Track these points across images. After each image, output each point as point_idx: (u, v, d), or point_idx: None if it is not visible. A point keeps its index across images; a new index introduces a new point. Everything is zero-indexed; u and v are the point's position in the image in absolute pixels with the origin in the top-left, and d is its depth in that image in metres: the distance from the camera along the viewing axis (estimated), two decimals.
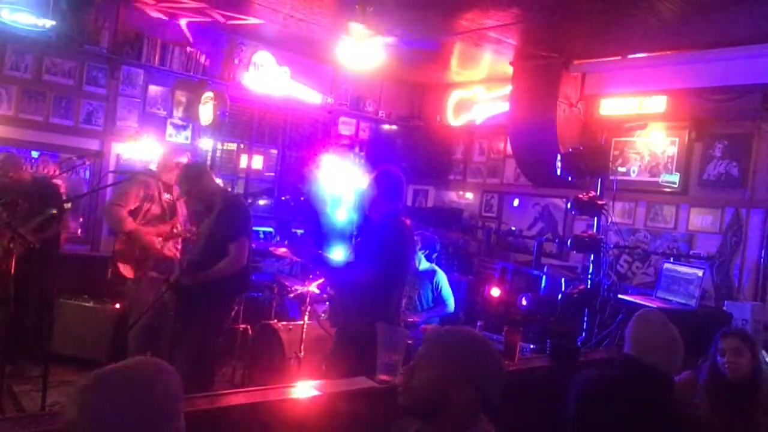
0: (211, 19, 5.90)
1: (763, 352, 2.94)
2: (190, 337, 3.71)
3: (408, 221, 3.33)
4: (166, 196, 4.53)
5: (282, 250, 5.44)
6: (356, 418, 2.29)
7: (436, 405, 1.64)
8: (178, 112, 6.25)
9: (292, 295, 5.28)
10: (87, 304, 5.10)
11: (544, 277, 5.27)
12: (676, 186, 5.63)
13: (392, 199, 3.28)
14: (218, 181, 4.56)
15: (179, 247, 4.54)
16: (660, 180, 5.75)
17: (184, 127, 6.29)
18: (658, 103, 5.68)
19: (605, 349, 4.02)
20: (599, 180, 4.17)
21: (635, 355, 2.36)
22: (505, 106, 6.76)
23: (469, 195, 7.64)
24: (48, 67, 5.47)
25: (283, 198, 6.85)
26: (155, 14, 5.80)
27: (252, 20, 5.81)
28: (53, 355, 4.65)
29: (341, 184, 6.80)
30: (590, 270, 4.08)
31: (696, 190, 5.57)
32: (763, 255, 5.03)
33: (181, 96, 6.24)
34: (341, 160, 7.10)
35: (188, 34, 6.14)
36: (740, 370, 2.76)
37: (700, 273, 4.57)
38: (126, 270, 4.39)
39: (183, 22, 6.02)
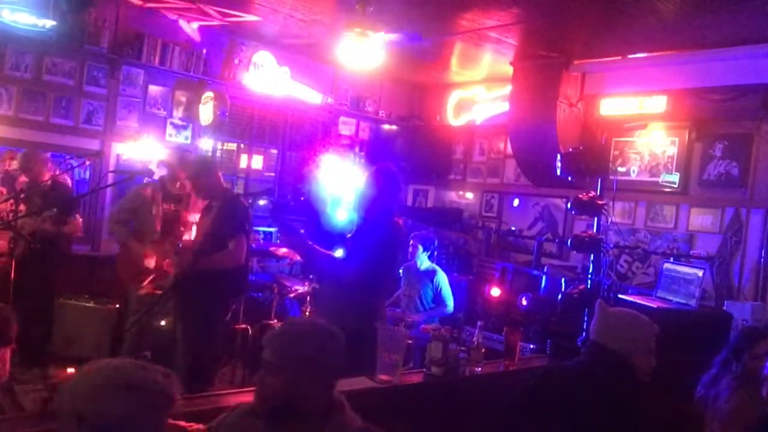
0: (203, 16, 5.76)
1: None
2: (187, 336, 3.71)
3: (400, 221, 3.32)
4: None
5: (277, 249, 5.45)
6: None
7: (292, 407, 1.62)
8: (178, 112, 6.24)
9: (292, 295, 5.30)
10: (87, 304, 5.09)
11: (544, 277, 5.28)
12: (676, 186, 5.63)
13: (389, 196, 3.26)
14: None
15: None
16: (660, 180, 5.75)
17: (184, 127, 6.29)
18: (658, 103, 5.67)
19: None
20: (599, 180, 4.16)
21: (594, 339, 2.40)
22: (505, 106, 6.75)
23: (470, 195, 7.64)
24: (48, 67, 5.46)
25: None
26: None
27: (249, 17, 5.68)
28: (53, 355, 4.67)
29: (341, 184, 6.80)
30: (590, 270, 4.08)
31: (696, 190, 5.57)
32: (763, 255, 5.03)
33: (181, 96, 6.23)
34: (341, 160, 7.10)
35: (193, 33, 6.08)
36: None
37: (700, 273, 4.57)
38: (125, 276, 4.41)
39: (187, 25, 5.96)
